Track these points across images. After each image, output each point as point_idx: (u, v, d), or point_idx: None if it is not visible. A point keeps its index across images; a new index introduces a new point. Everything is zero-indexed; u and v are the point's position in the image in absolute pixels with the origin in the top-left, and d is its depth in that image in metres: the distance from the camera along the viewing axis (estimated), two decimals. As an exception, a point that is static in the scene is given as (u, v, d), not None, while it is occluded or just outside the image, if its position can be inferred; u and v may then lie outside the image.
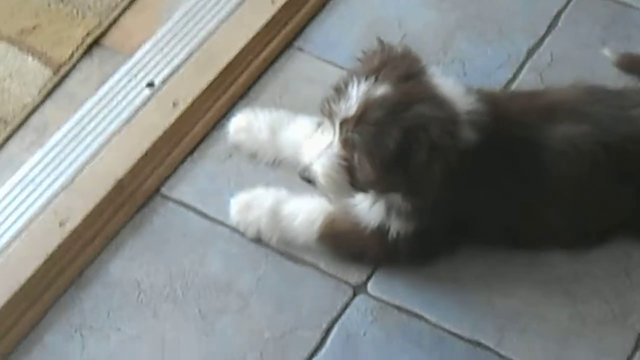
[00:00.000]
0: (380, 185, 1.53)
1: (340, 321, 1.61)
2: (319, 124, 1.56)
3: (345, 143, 1.50)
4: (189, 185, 1.75)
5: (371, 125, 1.48)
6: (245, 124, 1.79)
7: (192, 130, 1.77)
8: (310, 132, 1.61)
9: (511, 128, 1.58)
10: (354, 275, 1.65)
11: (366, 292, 1.64)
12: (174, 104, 1.78)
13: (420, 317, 1.61)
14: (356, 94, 1.50)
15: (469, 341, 1.57)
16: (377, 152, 1.48)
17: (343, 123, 1.49)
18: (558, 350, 1.55)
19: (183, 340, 1.58)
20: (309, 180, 1.54)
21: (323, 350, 1.57)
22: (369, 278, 1.65)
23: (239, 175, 1.75)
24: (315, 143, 1.55)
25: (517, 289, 1.64)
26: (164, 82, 1.81)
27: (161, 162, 1.74)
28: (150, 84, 1.81)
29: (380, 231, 1.59)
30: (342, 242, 1.65)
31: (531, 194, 1.61)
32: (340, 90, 1.52)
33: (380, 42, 1.57)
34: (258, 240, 1.66)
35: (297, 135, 1.72)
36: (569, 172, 1.59)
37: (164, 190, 1.75)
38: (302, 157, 1.56)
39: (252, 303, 1.61)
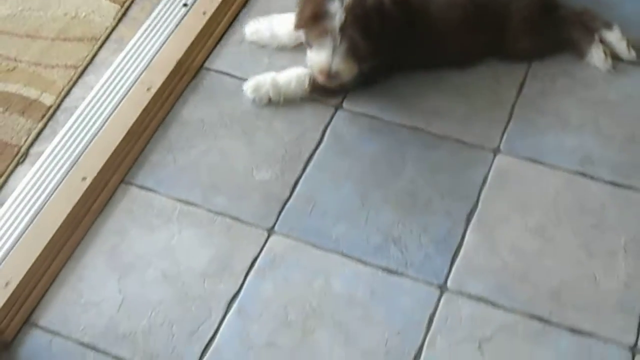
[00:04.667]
0: (370, 51, 2.21)
1: (331, 126, 2.40)
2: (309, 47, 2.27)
3: (348, 36, 2.18)
4: (224, 62, 2.54)
5: (356, 17, 2.18)
6: (254, 29, 2.53)
7: (217, 29, 2.59)
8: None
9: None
10: (334, 100, 2.45)
11: (343, 108, 2.44)
12: (204, 13, 2.58)
13: (378, 119, 2.41)
14: (339, 7, 2.20)
15: (410, 127, 2.39)
16: (366, 28, 2.19)
17: (341, 26, 2.19)
18: (462, 111, 2.42)
19: (235, 149, 2.36)
20: (332, 77, 2.25)
21: (323, 144, 2.36)
22: (343, 100, 2.45)
23: (255, 56, 2.56)
24: (321, 56, 2.24)
25: (432, 93, 2.45)
26: (195, 2, 2.63)
27: (203, 46, 2.53)
28: (185, 4, 2.62)
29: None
30: (324, 88, 2.38)
31: (429, 35, 2.36)
32: (321, 13, 2.20)
33: None
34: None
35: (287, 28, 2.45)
36: (449, 19, 2.36)
37: (207, 64, 2.54)
38: (318, 68, 2.26)
39: (274, 124, 2.41)
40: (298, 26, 2.31)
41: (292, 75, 2.42)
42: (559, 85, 2.51)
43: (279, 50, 2.57)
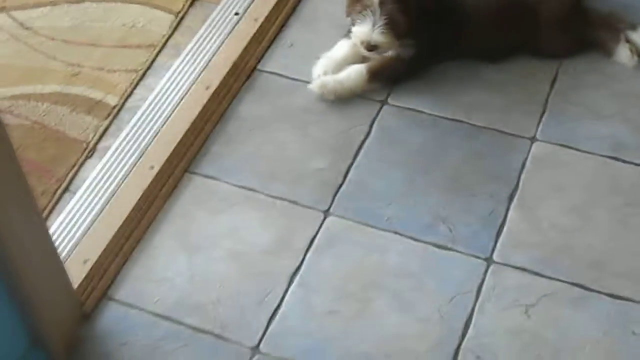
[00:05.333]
0: (407, 27, 2.47)
1: (378, 119, 2.58)
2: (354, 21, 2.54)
3: (387, 11, 2.45)
4: (275, 63, 2.74)
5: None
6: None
7: (268, 34, 2.79)
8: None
9: None
10: (381, 95, 2.63)
11: (388, 103, 2.62)
12: (255, 20, 2.78)
13: (420, 112, 2.59)
14: None
15: (451, 120, 2.55)
16: (404, 5, 2.47)
17: (380, 2, 2.47)
18: (500, 104, 2.62)
19: (289, 141, 2.53)
20: (372, 48, 2.53)
21: (371, 136, 2.54)
22: (388, 95, 2.63)
23: (303, 58, 2.75)
24: (363, 29, 2.51)
25: (470, 89, 2.64)
26: (246, 10, 2.84)
27: (256, 49, 2.73)
28: (236, 13, 2.81)
29: (399, 57, 2.58)
30: (380, 75, 2.59)
31: (464, 28, 2.58)
32: None
33: None
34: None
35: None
36: (484, 11, 2.59)
37: (259, 66, 2.73)
38: (360, 39, 2.52)
39: (325, 119, 2.59)
40: (348, 13, 2.57)
41: (350, 70, 2.62)
42: (589, 80, 2.70)
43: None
